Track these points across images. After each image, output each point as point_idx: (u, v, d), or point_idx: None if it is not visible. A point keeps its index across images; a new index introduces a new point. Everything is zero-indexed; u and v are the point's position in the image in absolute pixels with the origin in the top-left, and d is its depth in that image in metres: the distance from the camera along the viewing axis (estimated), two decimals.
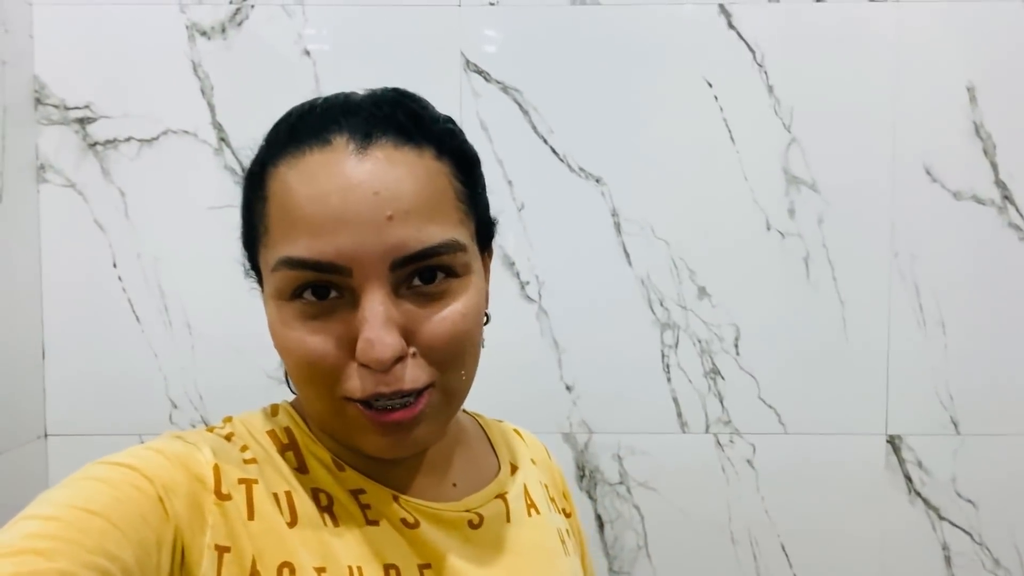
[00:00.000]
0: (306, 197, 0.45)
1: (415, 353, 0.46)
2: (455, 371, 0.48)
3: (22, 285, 1.05)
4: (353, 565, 0.47)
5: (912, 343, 1.12)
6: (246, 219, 0.51)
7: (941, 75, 1.10)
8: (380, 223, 0.44)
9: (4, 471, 0.98)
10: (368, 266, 0.44)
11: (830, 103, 1.10)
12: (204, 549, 0.42)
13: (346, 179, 0.45)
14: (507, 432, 0.66)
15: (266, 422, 0.52)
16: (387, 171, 0.45)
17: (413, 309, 0.46)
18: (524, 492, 0.59)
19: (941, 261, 1.11)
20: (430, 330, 0.46)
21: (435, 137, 0.49)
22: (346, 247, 0.44)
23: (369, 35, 1.08)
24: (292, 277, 0.45)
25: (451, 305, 0.47)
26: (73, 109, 1.07)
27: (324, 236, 0.44)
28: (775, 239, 1.11)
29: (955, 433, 1.12)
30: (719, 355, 1.12)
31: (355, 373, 0.45)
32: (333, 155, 0.45)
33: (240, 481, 0.46)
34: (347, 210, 0.44)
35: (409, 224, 0.45)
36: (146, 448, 0.44)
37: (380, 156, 0.46)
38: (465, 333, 0.48)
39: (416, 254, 0.45)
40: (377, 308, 0.44)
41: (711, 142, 1.10)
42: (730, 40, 1.09)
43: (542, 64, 1.09)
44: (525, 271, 1.11)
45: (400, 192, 0.45)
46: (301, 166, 0.46)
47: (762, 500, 1.13)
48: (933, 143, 1.10)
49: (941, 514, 1.13)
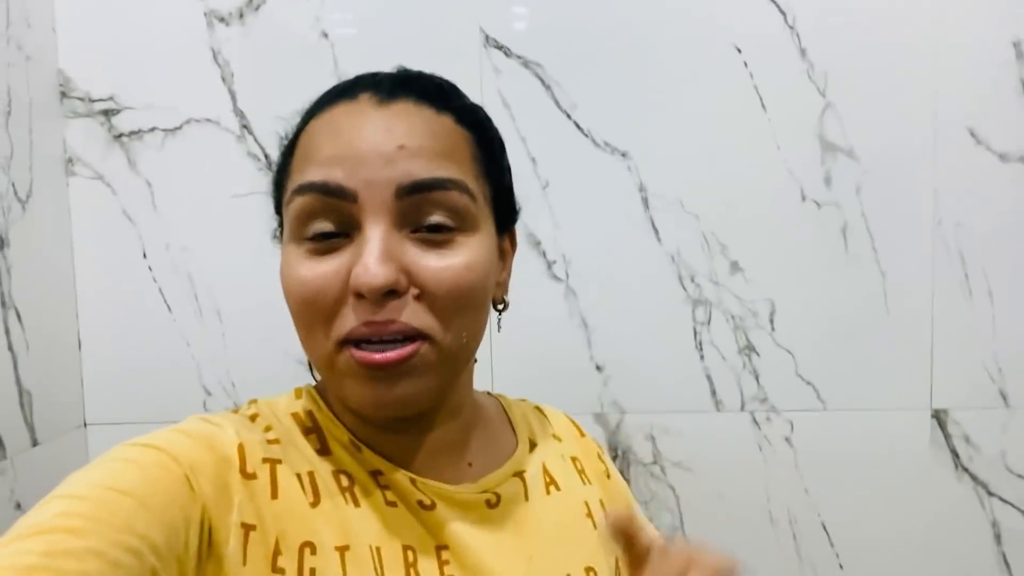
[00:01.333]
0: (325, 136, 0.47)
1: (417, 295, 0.46)
2: (455, 328, 0.47)
3: (56, 278, 1.06)
4: (373, 545, 0.47)
5: (958, 314, 1.07)
6: (276, 184, 0.53)
7: (985, 30, 1.04)
8: (390, 153, 0.45)
9: (46, 460, 1.00)
10: (374, 191, 0.45)
11: (867, 64, 1.05)
12: (231, 527, 0.43)
13: (364, 120, 0.47)
14: (528, 410, 0.65)
15: (290, 404, 0.53)
16: (404, 118, 0.47)
17: (417, 251, 0.46)
18: (543, 469, 0.59)
19: (987, 228, 1.06)
20: (432, 274, 0.46)
21: (456, 109, 0.51)
22: (354, 171, 0.45)
23: (387, 14, 1.07)
24: (302, 205, 0.46)
25: (457, 255, 0.47)
26: (98, 101, 1.07)
27: (335, 163, 0.46)
28: (811, 210, 1.07)
29: (1004, 406, 1.08)
30: (753, 331, 1.09)
31: (348, 310, 0.45)
32: (356, 106, 0.48)
33: (264, 460, 0.47)
34: (359, 140, 0.46)
35: (420, 157, 0.46)
36: (172, 430, 0.45)
37: (400, 107, 0.48)
38: (468, 287, 0.47)
39: (422, 182, 0.45)
40: (377, 236, 0.45)
41: (741, 110, 1.06)
42: (759, 3, 1.05)
43: (563, 37, 1.06)
44: (551, 250, 1.09)
45: (413, 133, 0.47)
46: (326, 117, 0.49)
47: (801, 479, 1.10)
48: (977, 103, 1.05)
49: (990, 490, 1.09)
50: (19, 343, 0.97)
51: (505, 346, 1.07)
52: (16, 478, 0.94)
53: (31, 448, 0.98)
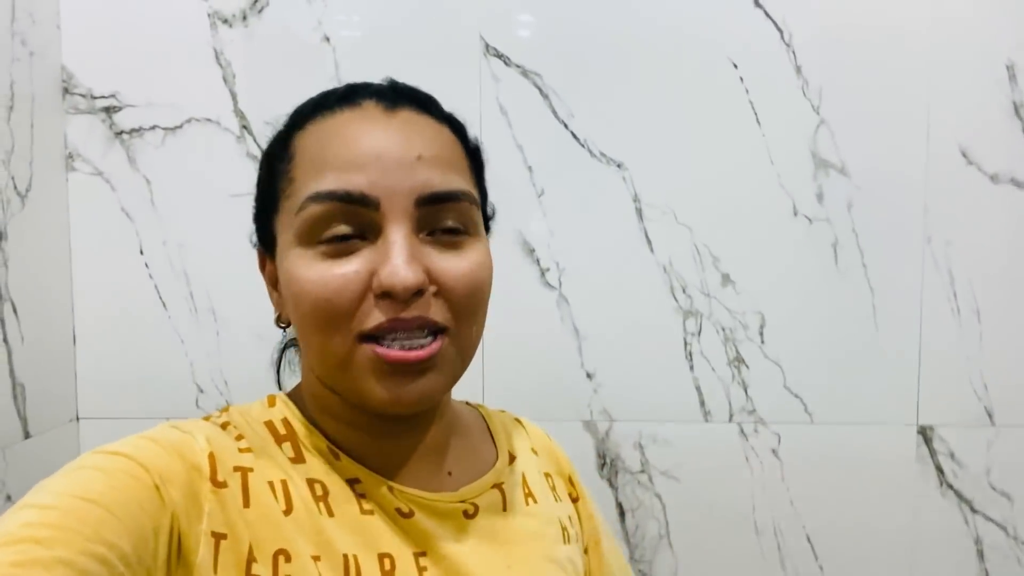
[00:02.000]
0: (338, 141, 0.48)
1: (435, 292, 0.47)
2: (468, 324, 0.50)
3: (53, 273, 1.07)
4: (348, 554, 0.47)
5: (945, 332, 1.08)
6: (264, 188, 0.53)
7: (979, 52, 1.05)
8: (410, 162, 0.47)
9: (38, 453, 1.01)
10: (396, 199, 0.46)
11: (861, 83, 1.06)
12: (200, 536, 0.43)
13: (377, 126, 0.48)
14: (508, 422, 0.65)
15: (263, 412, 0.52)
16: (414, 128, 0.49)
17: (434, 252, 0.48)
18: (522, 481, 0.59)
19: (977, 247, 1.07)
20: (451, 272, 0.48)
21: (448, 119, 0.53)
22: (376, 179, 0.46)
23: (389, 20, 1.08)
24: (319, 212, 0.47)
25: (470, 256, 0.50)
26: (99, 98, 1.08)
27: (355, 170, 0.47)
28: (802, 225, 1.08)
29: (990, 424, 1.09)
30: (743, 343, 1.10)
31: (373, 308, 0.46)
32: (363, 112, 0.49)
33: (235, 469, 0.46)
34: (379, 148, 0.47)
35: (436, 168, 0.48)
36: (142, 437, 0.45)
37: (406, 116, 0.50)
38: (481, 283, 0.50)
39: (440, 193, 0.48)
40: (401, 239, 0.46)
41: (736, 125, 1.07)
42: (756, 19, 1.06)
43: (562, 48, 1.08)
44: (545, 258, 1.10)
45: (426, 143, 0.49)
46: (331, 122, 0.49)
47: (787, 491, 1.11)
48: (970, 123, 1.06)
49: (974, 507, 1.10)
50: (14, 336, 0.97)
51: (497, 352, 1.08)
52: (7, 470, 0.94)
53: (23, 440, 0.98)
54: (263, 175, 0.54)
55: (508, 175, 1.08)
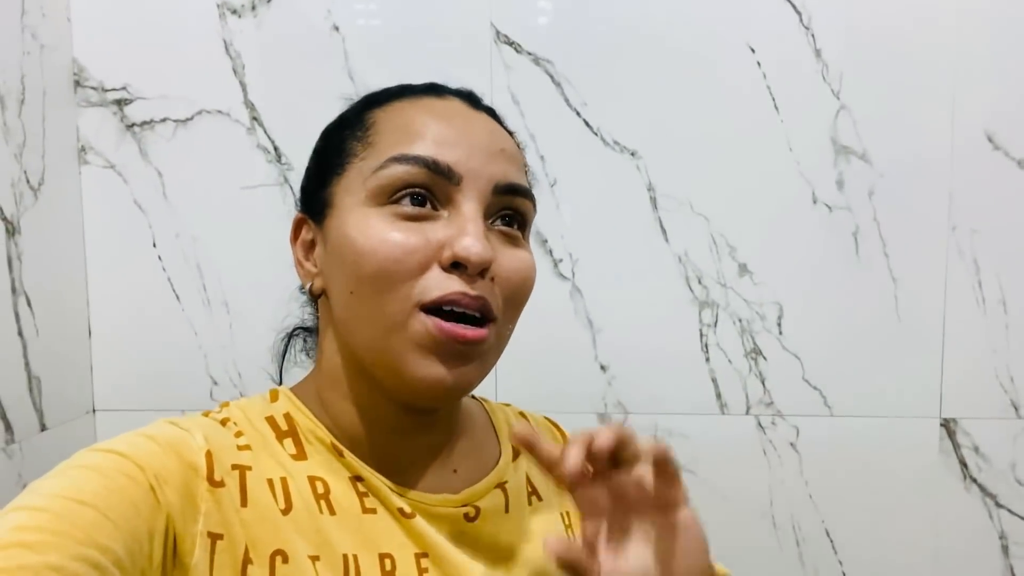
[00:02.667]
0: (429, 117, 0.50)
1: (492, 279, 0.48)
2: (511, 319, 0.51)
3: (67, 266, 1.07)
4: (348, 553, 0.46)
5: (970, 322, 1.05)
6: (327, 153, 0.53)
7: (1006, 34, 1.02)
8: (494, 152, 0.50)
9: (55, 445, 1.01)
10: (477, 182, 0.48)
11: (883, 67, 1.03)
12: (196, 537, 0.42)
13: (466, 117, 0.51)
14: (512, 416, 0.65)
15: (265, 408, 0.52)
16: (494, 126, 0.53)
17: (496, 241, 0.49)
18: (526, 479, 0.58)
19: (1003, 235, 1.04)
20: (509, 263, 0.49)
21: (511, 132, 0.56)
22: (464, 158, 0.48)
23: (399, 9, 1.06)
24: (403, 173, 0.47)
25: (524, 253, 0.51)
26: (111, 91, 1.08)
27: (446, 145, 0.48)
28: (822, 213, 1.06)
29: (1016, 417, 1.06)
30: (761, 334, 1.08)
31: (437, 277, 0.46)
32: (450, 104, 0.52)
33: (233, 467, 0.46)
34: (469, 133, 0.50)
35: (513, 163, 0.51)
36: (138, 435, 0.44)
37: (485, 118, 0.53)
38: (531, 283, 0.52)
39: (516, 186, 0.50)
40: (477, 219, 0.48)
41: (754, 111, 1.05)
42: (774, 2, 1.03)
43: (574, 35, 1.05)
44: (558, 248, 1.08)
45: (506, 142, 0.52)
46: (419, 103, 0.52)
47: (806, 484, 1.09)
48: (996, 108, 1.03)
49: (999, 501, 1.07)
50: (29, 329, 0.98)
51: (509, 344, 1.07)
52: (24, 462, 0.95)
53: (39, 433, 0.99)
54: (328, 143, 0.54)
55: None
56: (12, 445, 0.94)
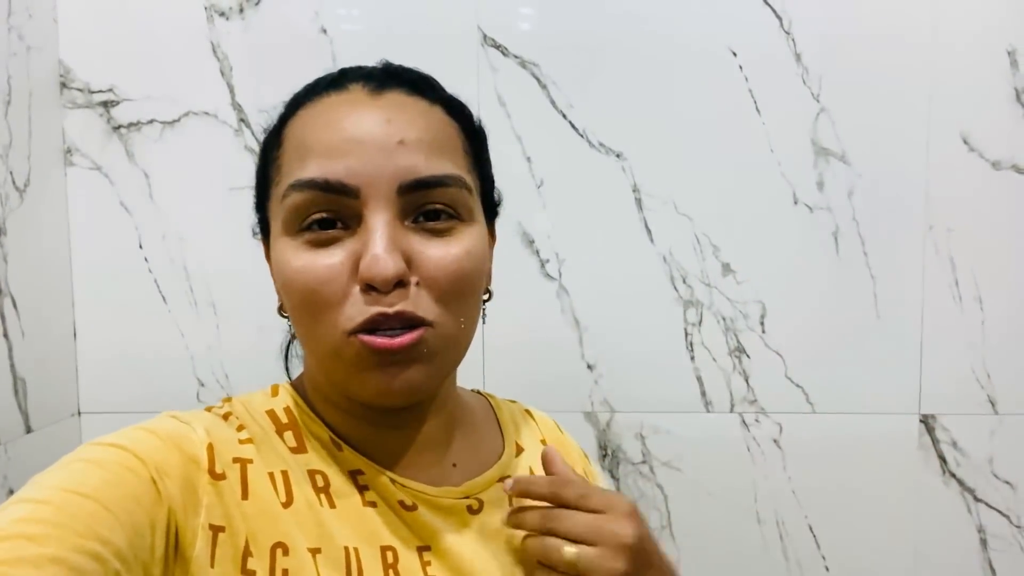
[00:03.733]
0: (320, 127, 0.47)
1: (418, 283, 0.46)
2: (455, 314, 0.48)
3: (53, 267, 1.07)
4: (349, 546, 0.46)
5: (947, 320, 1.08)
6: (260, 176, 0.53)
7: (980, 38, 1.05)
8: (391, 147, 0.46)
9: (40, 447, 1.01)
10: (376, 187, 0.45)
11: (862, 70, 1.06)
12: (198, 529, 0.42)
13: (360, 110, 0.47)
14: (517, 412, 0.65)
15: (266, 402, 0.52)
16: (400, 108, 0.48)
17: (418, 240, 0.46)
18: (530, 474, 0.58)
19: (978, 234, 1.07)
20: (434, 262, 0.46)
21: (445, 101, 0.52)
22: (356, 167, 0.45)
23: (386, 11, 1.07)
24: (300, 201, 0.46)
25: (456, 244, 0.47)
26: (97, 92, 1.08)
27: (335, 157, 0.45)
28: (803, 213, 1.08)
29: (992, 412, 1.08)
30: (744, 333, 1.09)
31: (357, 302, 0.45)
32: (349, 95, 0.48)
33: (235, 460, 0.46)
34: (359, 133, 0.46)
35: (419, 152, 0.46)
36: (140, 428, 0.44)
37: (393, 98, 0.48)
38: (468, 273, 0.48)
39: (424, 179, 0.46)
40: (382, 227, 0.45)
41: (736, 113, 1.07)
42: (756, 6, 1.06)
43: (560, 38, 1.07)
44: (545, 249, 1.09)
45: (411, 124, 0.47)
46: (318, 107, 0.49)
47: (789, 480, 1.10)
48: (971, 110, 1.05)
49: (977, 496, 1.09)
50: (14, 331, 0.97)
51: (497, 343, 1.08)
52: (9, 464, 0.95)
53: (24, 435, 0.98)
54: (259, 163, 0.53)
55: (507, 166, 1.07)
56: None
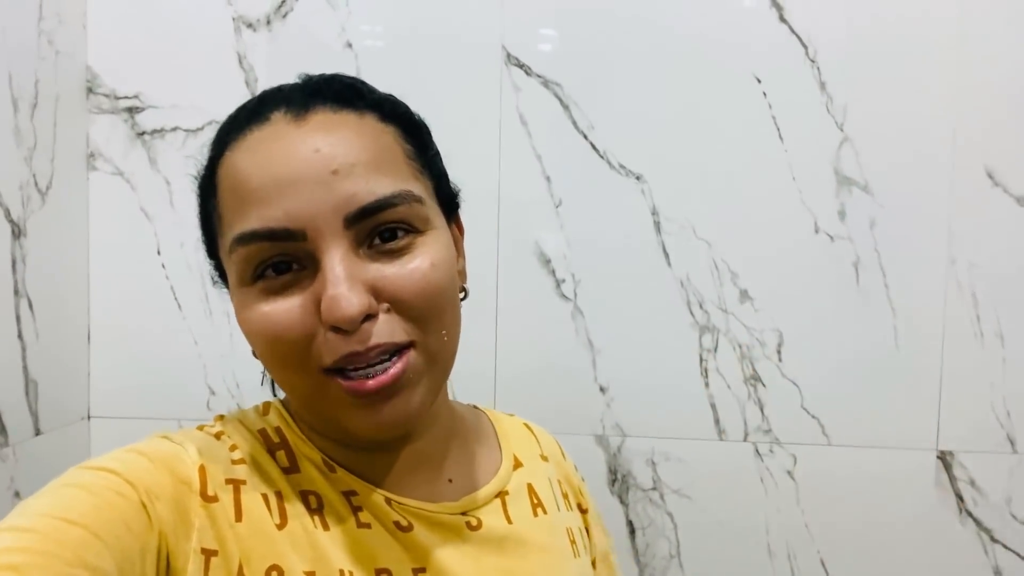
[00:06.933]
0: (250, 170, 0.44)
1: (388, 309, 0.44)
2: (434, 330, 0.46)
3: (70, 270, 1.08)
4: (344, 569, 0.45)
5: (968, 355, 1.06)
6: (204, 224, 0.50)
7: (1006, 72, 1.04)
8: (325, 179, 0.43)
9: (49, 450, 1.01)
10: (322, 225, 0.43)
11: (886, 101, 1.05)
12: (190, 554, 0.41)
13: (286, 145, 0.44)
14: (516, 426, 0.64)
15: (257, 421, 0.51)
16: (327, 131, 0.45)
17: (378, 267, 0.44)
18: (529, 491, 0.57)
19: (1001, 269, 1.05)
20: (399, 283, 0.44)
21: (375, 104, 0.49)
22: (296, 209, 0.43)
23: (411, 28, 1.08)
24: (248, 254, 0.44)
25: (418, 258, 0.45)
26: (123, 99, 1.09)
27: (272, 203, 0.43)
28: (823, 242, 1.07)
29: (1012, 451, 1.06)
30: (760, 361, 1.08)
31: (324, 341, 0.43)
32: (272, 128, 0.45)
33: (227, 481, 0.45)
34: (290, 172, 0.43)
35: (356, 177, 0.43)
36: (130, 451, 0.43)
37: (318, 120, 0.45)
38: (438, 285, 0.45)
39: (369, 206, 0.43)
40: (337, 266, 0.42)
41: (758, 140, 1.06)
42: (781, 34, 1.05)
43: (584, 59, 1.07)
44: (561, 269, 1.09)
45: (342, 147, 0.44)
46: (243, 146, 0.46)
47: (802, 513, 1.08)
48: (996, 144, 1.04)
49: (994, 536, 1.07)
50: (29, 332, 0.97)
51: (509, 363, 1.08)
52: (17, 466, 0.94)
53: (34, 437, 0.98)
54: (199, 211, 0.51)
55: (526, 185, 1.07)
56: (6, 449, 0.93)
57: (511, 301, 1.07)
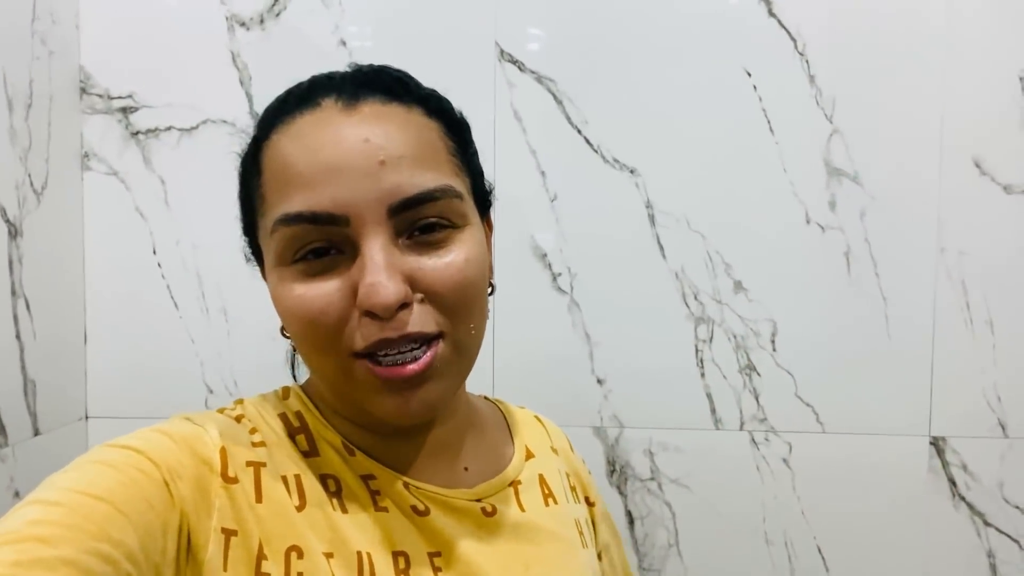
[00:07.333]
0: (298, 155, 0.45)
1: (422, 299, 0.45)
2: (463, 322, 0.47)
3: (66, 271, 1.07)
4: (362, 551, 0.46)
5: (958, 342, 1.08)
6: (244, 203, 0.52)
7: (992, 63, 1.06)
8: (373, 169, 0.44)
9: (47, 451, 1.00)
10: (365, 213, 0.44)
11: (875, 92, 1.07)
12: (210, 533, 0.42)
13: (336, 132, 0.45)
14: (528, 419, 0.65)
15: (277, 405, 0.52)
16: (376, 122, 0.46)
17: (415, 258, 0.45)
18: (540, 481, 0.58)
19: (990, 258, 1.07)
20: (435, 276, 0.45)
21: (422, 99, 0.50)
22: (341, 195, 0.44)
23: (404, 25, 1.09)
24: (290, 235, 0.45)
25: (454, 252, 0.46)
26: (117, 99, 1.09)
27: (318, 187, 0.44)
28: (815, 233, 1.08)
29: (1003, 436, 1.08)
30: (755, 351, 1.09)
31: (358, 325, 0.44)
32: (323, 114, 0.46)
33: (248, 464, 0.46)
34: (339, 159, 0.44)
35: (403, 169, 0.45)
36: (153, 430, 0.44)
37: (368, 111, 0.46)
38: (471, 281, 0.47)
39: (412, 198, 0.45)
40: (377, 254, 0.44)
41: (749, 133, 1.08)
42: (770, 28, 1.07)
43: (577, 54, 1.08)
44: (557, 263, 1.10)
45: (390, 139, 0.45)
46: (292, 130, 0.47)
47: (798, 500, 1.10)
48: (983, 134, 1.06)
49: (987, 520, 1.08)
50: (27, 333, 0.97)
51: (507, 357, 1.08)
52: (16, 466, 0.94)
53: (32, 437, 0.98)
54: (240, 189, 0.52)
55: (521, 180, 1.08)
56: (5, 449, 0.93)
57: (508, 295, 1.07)
